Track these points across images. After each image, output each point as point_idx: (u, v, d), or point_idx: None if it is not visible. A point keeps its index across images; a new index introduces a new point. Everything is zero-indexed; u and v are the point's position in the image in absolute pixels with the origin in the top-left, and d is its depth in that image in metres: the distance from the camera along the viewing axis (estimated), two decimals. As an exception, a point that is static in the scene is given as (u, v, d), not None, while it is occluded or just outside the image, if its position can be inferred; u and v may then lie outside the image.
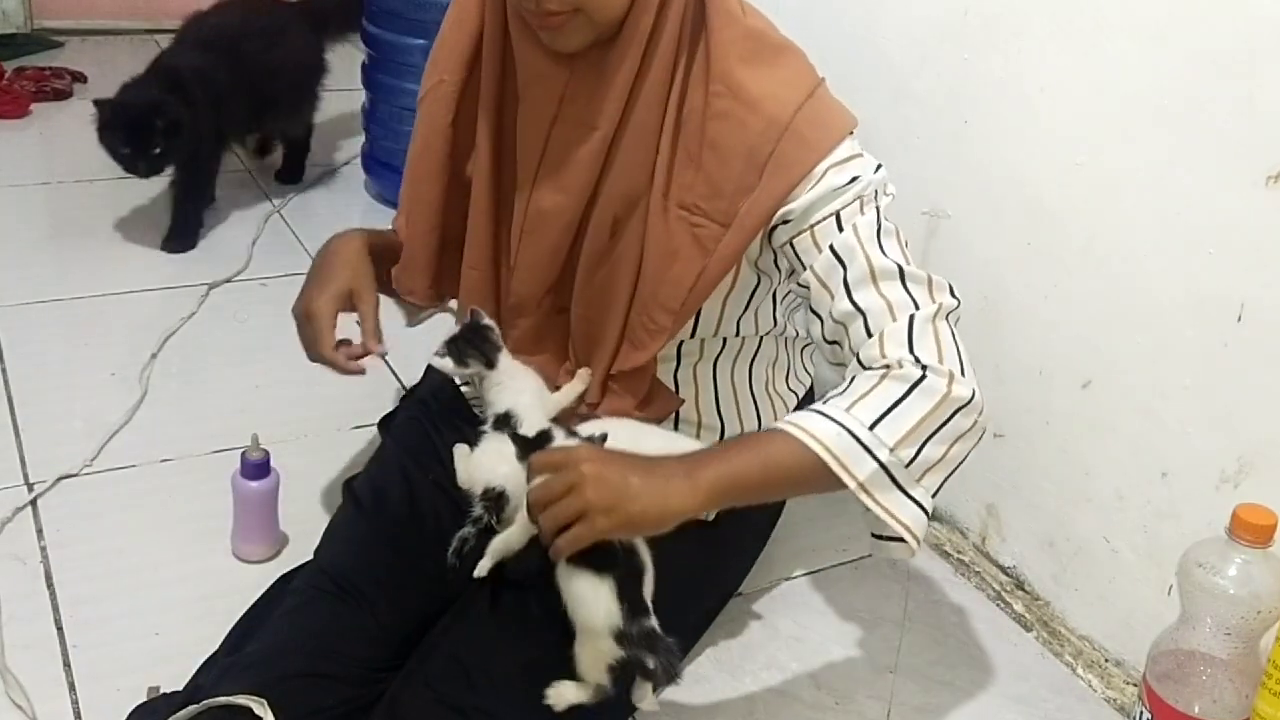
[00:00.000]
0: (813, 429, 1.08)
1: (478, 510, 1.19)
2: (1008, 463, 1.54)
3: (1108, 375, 1.38)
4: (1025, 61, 1.42)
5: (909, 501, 1.09)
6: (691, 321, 1.25)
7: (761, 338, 1.36)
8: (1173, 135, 1.26)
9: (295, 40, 2.53)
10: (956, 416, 1.10)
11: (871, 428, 1.07)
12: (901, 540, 1.11)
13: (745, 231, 1.17)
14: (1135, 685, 1.36)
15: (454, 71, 1.27)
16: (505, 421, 1.22)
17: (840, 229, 1.16)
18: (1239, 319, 1.22)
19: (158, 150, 2.18)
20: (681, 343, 1.30)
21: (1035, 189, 1.43)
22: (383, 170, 2.59)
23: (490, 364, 1.24)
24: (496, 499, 1.18)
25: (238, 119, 2.44)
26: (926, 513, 1.11)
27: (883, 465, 1.07)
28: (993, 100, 1.47)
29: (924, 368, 1.09)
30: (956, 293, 1.16)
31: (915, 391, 1.08)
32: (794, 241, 1.18)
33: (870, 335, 1.12)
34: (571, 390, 1.28)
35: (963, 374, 1.10)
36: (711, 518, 1.24)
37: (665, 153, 1.19)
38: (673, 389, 1.31)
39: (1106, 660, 1.42)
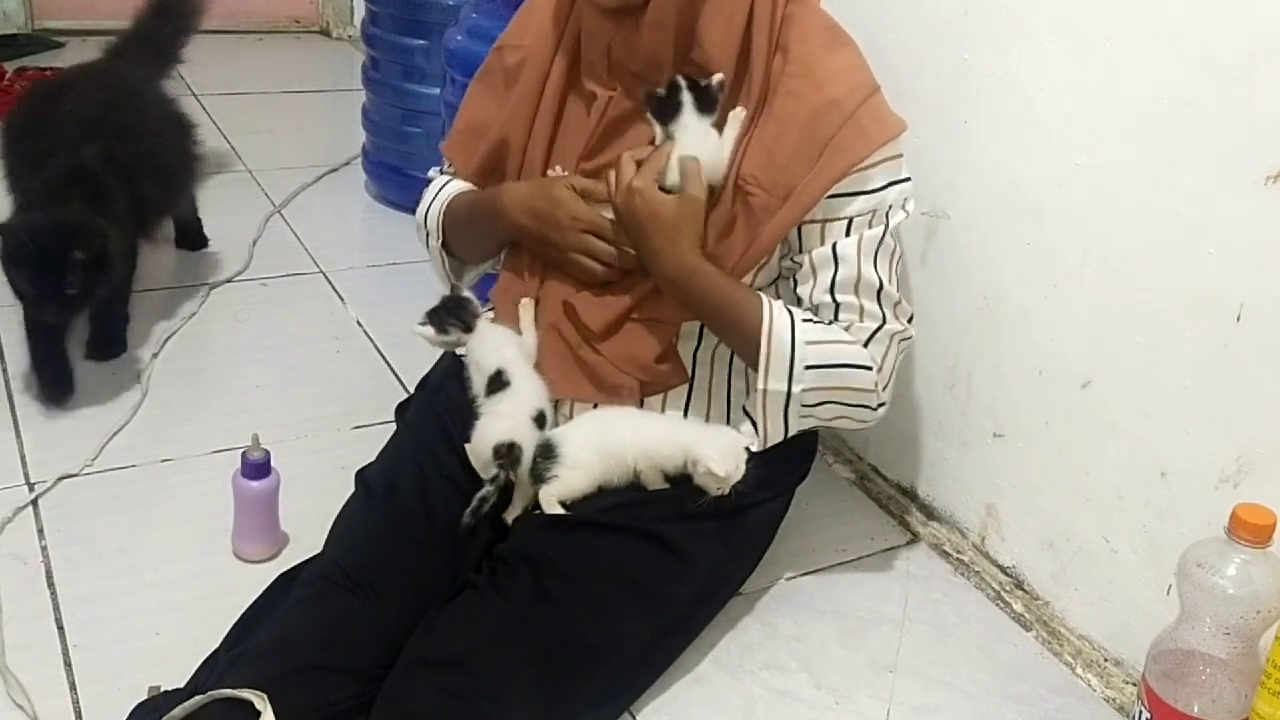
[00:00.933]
0: (778, 325, 1.28)
1: (494, 469, 1.25)
2: (1008, 463, 1.54)
3: (1107, 375, 1.38)
4: (1025, 61, 1.42)
5: (782, 423, 1.33)
6: None
7: None
8: (1173, 135, 1.26)
9: (159, 100, 2.13)
10: (862, 410, 1.34)
11: (809, 367, 1.28)
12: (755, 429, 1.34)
13: (800, 208, 1.28)
14: (1135, 685, 1.36)
15: (548, 35, 1.38)
16: (498, 380, 1.31)
17: (848, 234, 1.29)
18: (1239, 319, 1.22)
19: (73, 291, 1.65)
20: None
21: (1035, 189, 1.43)
22: (383, 170, 2.59)
23: (468, 329, 1.35)
24: (509, 450, 1.26)
25: (152, 216, 1.99)
26: (784, 436, 1.34)
27: (789, 394, 1.30)
28: (993, 100, 1.47)
29: (872, 364, 1.31)
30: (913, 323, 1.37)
31: (855, 370, 1.31)
32: (802, 227, 1.31)
33: (838, 322, 1.32)
34: (526, 322, 1.36)
35: (885, 391, 1.34)
36: (726, 490, 1.28)
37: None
38: (690, 368, 1.36)
39: (1106, 660, 1.42)
